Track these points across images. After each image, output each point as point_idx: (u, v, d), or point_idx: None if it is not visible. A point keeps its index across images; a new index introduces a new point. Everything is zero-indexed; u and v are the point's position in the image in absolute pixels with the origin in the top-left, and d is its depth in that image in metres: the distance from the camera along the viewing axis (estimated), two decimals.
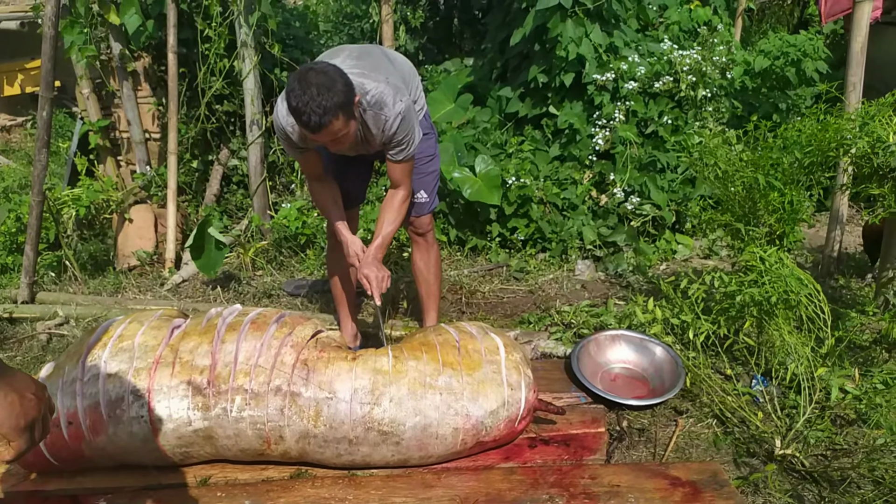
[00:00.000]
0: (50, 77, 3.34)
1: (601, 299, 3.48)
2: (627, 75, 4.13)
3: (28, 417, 0.96)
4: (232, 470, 2.06)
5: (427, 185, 2.67)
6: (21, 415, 0.95)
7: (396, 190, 2.46)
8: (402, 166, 2.41)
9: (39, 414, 0.98)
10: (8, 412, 0.93)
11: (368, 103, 2.23)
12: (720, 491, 1.99)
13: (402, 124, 2.27)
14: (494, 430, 2.07)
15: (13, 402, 0.94)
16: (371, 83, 2.24)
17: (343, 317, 2.90)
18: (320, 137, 2.12)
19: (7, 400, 0.94)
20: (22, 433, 0.95)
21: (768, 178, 2.66)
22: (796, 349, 2.36)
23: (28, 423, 0.96)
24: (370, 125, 2.29)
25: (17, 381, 0.96)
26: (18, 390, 0.95)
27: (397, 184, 2.45)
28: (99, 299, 3.51)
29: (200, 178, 4.64)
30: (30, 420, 0.96)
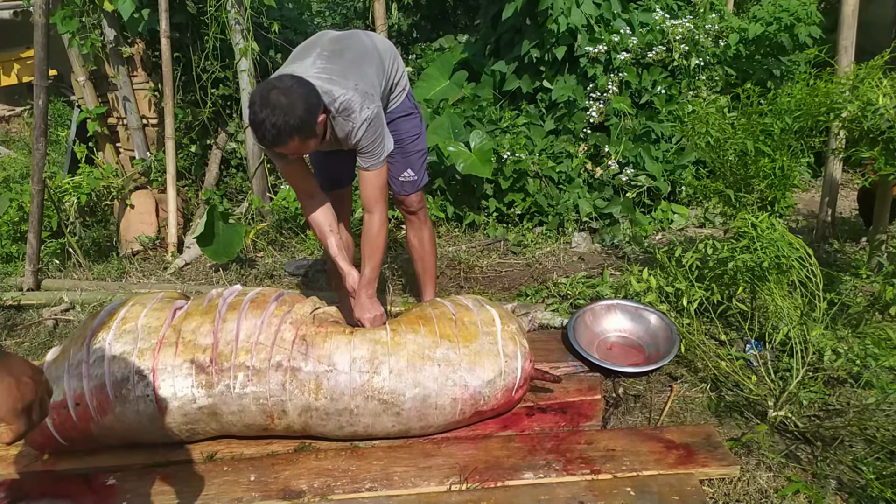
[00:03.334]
0: (44, 66, 3.35)
1: (597, 270, 3.52)
2: (620, 46, 4.12)
3: (25, 400, 0.98)
4: (237, 445, 2.12)
5: (414, 164, 2.67)
6: (18, 398, 0.97)
7: (371, 215, 2.37)
8: (374, 178, 2.34)
9: (36, 397, 1.00)
10: (5, 395, 0.95)
11: (336, 110, 2.22)
12: (713, 452, 2.04)
13: (367, 131, 2.25)
14: (492, 399, 2.12)
15: (10, 386, 0.96)
16: (339, 90, 2.21)
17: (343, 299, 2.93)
18: (279, 152, 2.16)
19: (4, 384, 0.96)
20: (19, 416, 0.98)
21: (758, 145, 2.67)
22: (789, 313, 2.39)
23: (25, 405, 0.98)
24: (337, 130, 2.29)
25: (13, 365, 0.98)
26: (15, 374, 0.97)
27: (370, 206, 2.36)
28: (103, 284, 3.55)
29: (199, 163, 4.67)
30: (26, 403, 0.98)
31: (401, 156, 2.60)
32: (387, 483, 1.93)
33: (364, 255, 2.39)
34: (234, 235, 3.71)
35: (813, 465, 2.05)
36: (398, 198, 2.72)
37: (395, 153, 2.54)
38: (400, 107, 2.61)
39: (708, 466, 1.98)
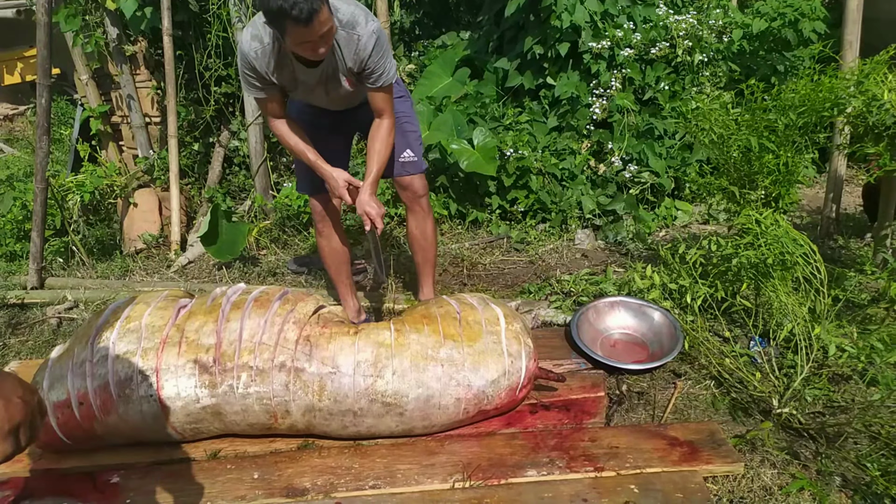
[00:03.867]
0: (46, 64, 3.36)
1: (601, 267, 3.51)
2: (623, 42, 4.10)
3: (13, 422, 0.94)
4: (241, 443, 2.13)
5: (413, 144, 2.64)
6: (5, 419, 0.93)
7: (381, 119, 2.42)
8: (384, 92, 2.37)
9: (26, 418, 0.97)
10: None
11: (340, 22, 2.17)
12: (717, 449, 2.04)
13: (376, 45, 2.22)
14: (496, 398, 2.12)
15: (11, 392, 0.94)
16: (342, 3, 2.19)
17: (344, 294, 2.92)
18: (309, 32, 2.02)
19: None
20: (6, 438, 0.94)
21: (762, 141, 2.66)
22: (793, 309, 2.39)
23: (13, 427, 0.94)
24: (343, 47, 2.24)
25: (4, 385, 0.95)
26: (5, 395, 0.94)
27: (381, 111, 2.41)
28: (107, 283, 3.56)
29: (202, 161, 4.67)
30: (14, 424, 0.95)
31: (399, 136, 2.57)
32: (390, 481, 1.93)
33: (372, 153, 2.41)
34: (237, 234, 3.71)
35: (817, 461, 2.05)
36: (402, 181, 2.67)
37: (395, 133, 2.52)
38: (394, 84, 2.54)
39: (712, 464, 1.98)
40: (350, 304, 2.93)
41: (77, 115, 4.65)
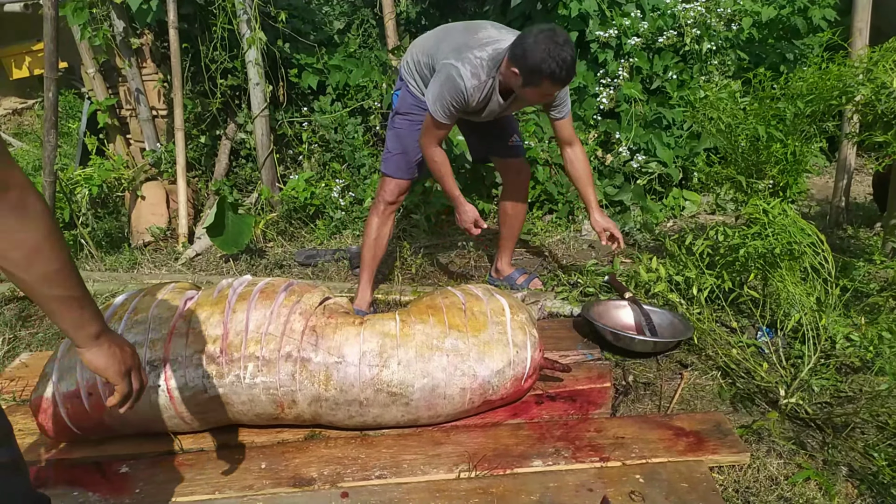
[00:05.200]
0: (53, 58, 3.37)
1: (608, 258, 3.50)
2: (631, 31, 4.08)
3: (126, 365, 1.19)
4: (249, 433, 2.14)
5: (516, 129, 2.98)
6: (121, 362, 1.18)
7: (573, 145, 2.80)
8: (569, 122, 2.77)
9: (135, 363, 1.22)
10: (111, 361, 1.17)
11: None
12: (724, 440, 2.03)
13: None
14: (501, 388, 2.12)
15: (115, 353, 1.17)
16: None
17: (366, 282, 2.98)
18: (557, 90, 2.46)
19: (111, 351, 1.17)
20: (123, 378, 1.20)
21: (770, 130, 2.64)
22: (801, 300, 2.37)
23: (126, 369, 1.20)
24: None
25: (116, 337, 1.19)
26: (118, 344, 1.19)
27: (571, 139, 2.80)
28: (115, 275, 3.58)
29: (209, 153, 4.69)
30: (128, 367, 1.20)
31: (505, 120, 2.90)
32: (396, 471, 1.94)
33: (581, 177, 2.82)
34: (243, 226, 3.72)
35: (824, 451, 2.04)
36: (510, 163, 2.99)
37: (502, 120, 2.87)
38: None
39: (718, 454, 1.97)
40: (367, 294, 2.99)
41: (84, 108, 4.67)
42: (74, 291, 1.09)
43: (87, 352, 1.15)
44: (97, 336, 1.15)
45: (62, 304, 1.09)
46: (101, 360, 1.16)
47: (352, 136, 4.45)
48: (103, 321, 1.17)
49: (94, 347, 1.15)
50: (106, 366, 1.17)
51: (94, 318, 1.14)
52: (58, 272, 1.05)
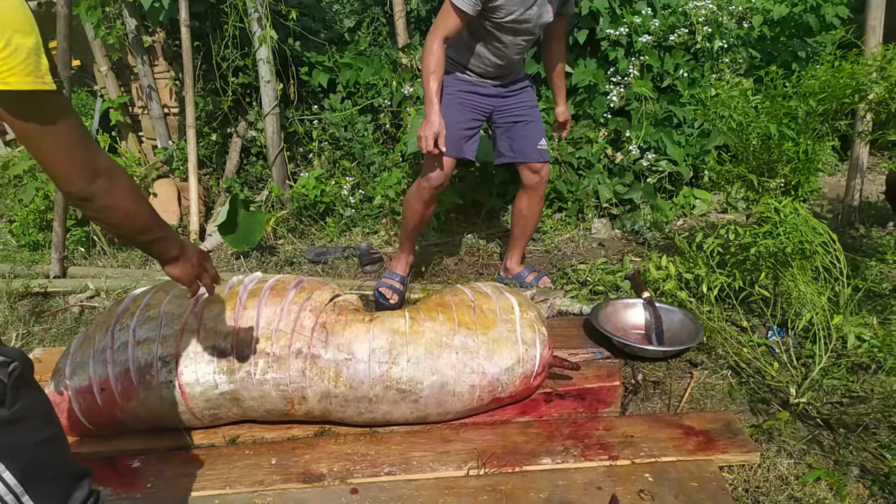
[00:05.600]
0: (66, 56, 3.39)
1: (617, 257, 3.49)
2: (641, 29, 4.06)
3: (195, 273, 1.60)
4: (259, 430, 2.15)
5: (544, 133, 3.03)
6: (192, 272, 1.59)
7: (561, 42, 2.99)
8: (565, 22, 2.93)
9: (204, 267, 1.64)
10: (184, 272, 1.57)
11: None
12: (734, 439, 2.02)
13: None
14: (510, 386, 2.12)
15: (187, 267, 1.57)
16: None
17: (408, 250, 3.15)
18: None
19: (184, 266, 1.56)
20: (193, 282, 1.61)
21: (781, 128, 2.62)
22: (812, 299, 2.36)
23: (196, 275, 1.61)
24: None
25: (190, 254, 1.58)
26: (192, 257, 1.59)
27: (561, 37, 2.97)
28: (127, 272, 3.61)
29: (220, 151, 4.71)
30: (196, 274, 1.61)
31: (535, 124, 2.96)
32: (405, 467, 1.95)
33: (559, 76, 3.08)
34: (255, 223, 3.74)
35: (835, 452, 2.03)
36: (535, 167, 2.99)
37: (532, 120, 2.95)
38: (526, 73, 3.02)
39: (728, 453, 1.97)
40: (409, 259, 3.19)
41: (97, 106, 4.70)
42: (159, 233, 1.43)
43: (169, 268, 1.54)
44: (176, 258, 1.53)
45: (151, 244, 1.44)
46: (176, 271, 1.55)
47: (362, 134, 4.46)
48: (181, 243, 1.54)
49: (173, 264, 1.54)
50: (180, 275, 1.56)
51: (175, 244, 1.51)
52: (145, 224, 1.37)
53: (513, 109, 2.95)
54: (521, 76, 2.98)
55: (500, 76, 2.86)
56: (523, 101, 2.95)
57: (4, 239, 4.41)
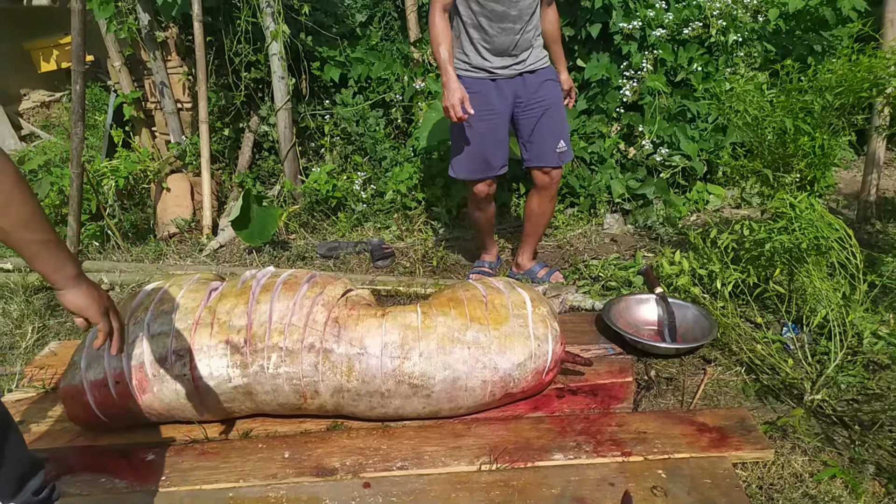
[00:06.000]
0: (81, 51, 3.41)
1: (630, 252, 3.48)
2: (655, 23, 4.03)
3: (104, 305, 1.31)
4: (272, 423, 2.16)
5: (564, 134, 2.93)
6: (100, 302, 1.29)
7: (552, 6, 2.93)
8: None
9: (111, 304, 1.33)
10: (90, 300, 1.27)
11: None
12: (747, 436, 2.01)
13: None
14: (522, 381, 2.12)
15: (93, 293, 1.28)
16: None
17: (490, 244, 3.33)
18: None
19: (89, 291, 1.27)
20: (104, 316, 1.31)
21: (797, 123, 2.60)
22: (828, 295, 2.34)
23: (105, 309, 1.31)
24: None
25: (90, 280, 1.29)
26: (94, 286, 1.29)
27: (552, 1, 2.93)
28: (141, 266, 3.63)
29: (232, 146, 4.72)
30: (106, 307, 1.31)
31: (556, 123, 2.88)
32: (417, 462, 1.95)
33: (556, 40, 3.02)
34: (268, 218, 3.75)
35: (850, 449, 2.01)
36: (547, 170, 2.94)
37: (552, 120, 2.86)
38: (549, 68, 2.92)
39: (741, 450, 1.96)
40: (493, 249, 3.37)
41: (111, 101, 4.72)
42: (50, 235, 1.19)
43: (67, 292, 1.25)
44: (76, 277, 1.25)
45: (41, 247, 1.19)
46: (81, 300, 1.26)
47: (373, 129, 4.46)
48: (79, 265, 1.27)
49: (74, 288, 1.26)
50: (87, 305, 1.27)
51: (71, 260, 1.25)
52: (32, 216, 1.15)
53: (536, 101, 2.85)
54: (538, 66, 2.85)
55: (509, 64, 2.79)
56: (542, 98, 2.86)
57: None
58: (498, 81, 2.82)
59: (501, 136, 2.89)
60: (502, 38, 2.73)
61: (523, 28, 2.74)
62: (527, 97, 2.85)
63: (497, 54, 2.78)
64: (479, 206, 3.10)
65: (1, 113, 6.47)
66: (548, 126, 2.87)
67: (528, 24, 2.75)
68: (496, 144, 2.88)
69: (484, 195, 3.03)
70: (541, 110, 2.86)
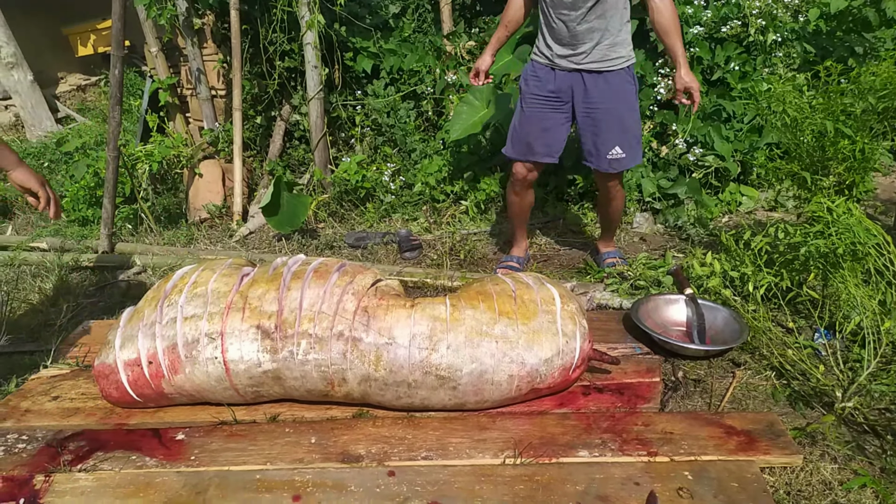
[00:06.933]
0: (120, 36, 3.47)
1: (659, 252, 3.45)
2: (693, 20, 3.97)
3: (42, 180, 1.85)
4: (299, 409, 2.19)
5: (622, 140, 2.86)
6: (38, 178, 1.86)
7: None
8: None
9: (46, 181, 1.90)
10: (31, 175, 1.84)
11: None
12: (776, 441, 1.99)
13: None
14: (549, 377, 2.12)
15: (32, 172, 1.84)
16: None
17: (520, 237, 3.36)
18: None
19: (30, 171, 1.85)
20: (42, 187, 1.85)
21: (838, 125, 2.55)
22: (862, 302, 2.30)
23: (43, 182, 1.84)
24: None
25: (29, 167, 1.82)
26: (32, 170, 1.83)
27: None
28: (173, 250, 3.69)
29: (264, 134, 4.77)
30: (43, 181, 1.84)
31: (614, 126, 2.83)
32: (442, 453, 1.96)
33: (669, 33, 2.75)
34: (298, 206, 3.78)
35: (882, 459, 1.98)
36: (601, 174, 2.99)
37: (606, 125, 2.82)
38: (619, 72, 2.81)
39: (770, 454, 1.93)
40: (522, 244, 3.39)
41: (146, 86, 4.79)
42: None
43: (13, 172, 1.78)
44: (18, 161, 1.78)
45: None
46: (25, 175, 1.78)
47: (404, 121, 4.47)
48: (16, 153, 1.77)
49: (19, 167, 1.80)
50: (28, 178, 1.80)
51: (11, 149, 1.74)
52: None
53: (589, 104, 2.82)
54: (603, 66, 2.76)
55: (566, 54, 2.78)
56: (597, 101, 2.80)
57: None
58: (557, 72, 2.83)
59: (549, 125, 2.90)
60: (560, 26, 2.75)
61: (582, 17, 2.68)
62: (582, 96, 2.83)
63: (558, 42, 2.79)
64: (515, 189, 3.12)
65: (39, 95, 6.60)
66: (601, 130, 2.84)
67: (588, 14, 2.67)
68: (542, 131, 2.91)
69: (521, 178, 3.05)
70: (595, 113, 2.82)
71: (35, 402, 2.28)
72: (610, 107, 2.80)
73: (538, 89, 2.87)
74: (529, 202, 3.20)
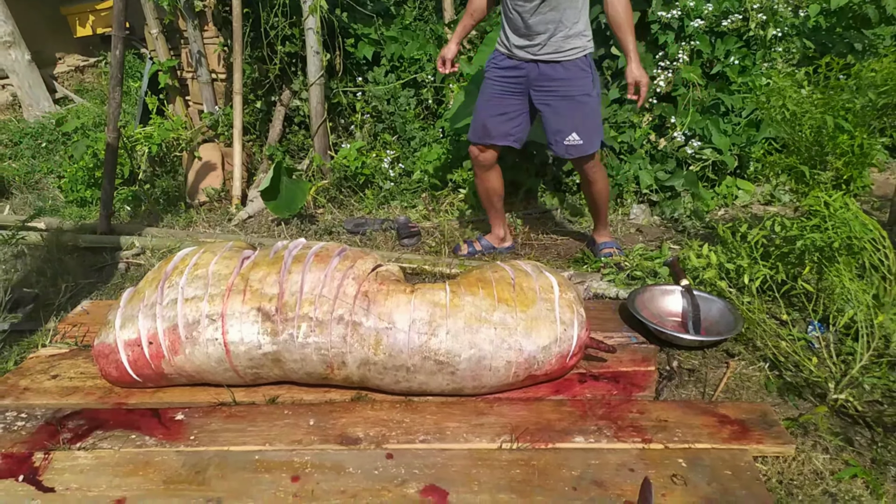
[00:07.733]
0: (122, 17, 3.45)
1: (655, 243, 3.47)
2: (694, 13, 3.98)
3: None
4: (298, 391, 2.21)
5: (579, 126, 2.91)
6: None
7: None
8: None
9: None
10: None
11: None
12: (769, 430, 2.02)
13: None
14: (546, 364, 2.14)
15: None
16: None
17: (493, 220, 3.39)
18: None
19: None
20: None
21: (837, 120, 2.57)
22: (857, 296, 2.33)
23: None
24: None
25: None
26: None
27: None
28: (172, 232, 3.69)
29: (264, 119, 4.76)
30: None
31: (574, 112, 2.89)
32: (439, 437, 1.98)
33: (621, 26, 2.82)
34: (297, 191, 3.79)
35: (873, 450, 2.01)
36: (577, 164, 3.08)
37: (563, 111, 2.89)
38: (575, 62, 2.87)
39: (762, 444, 1.96)
40: (498, 231, 3.42)
41: (146, 68, 4.78)
42: None
43: None
44: None
45: None
46: None
47: (404, 109, 4.47)
48: None
49: None
50: None
51: None
52: None
53: (546, 92, 2.91)
54: (557, 57, 2.83)
55: (523, 45, 2.87)
56: (552, 89, 2.89)
57: (53, 194, 4.53)
58: (515, 61, 2.91)
59: (507, 110, 2.99)
60: (515, 17, 2.82)
61: (535, 9, 2.75)
62: (539, 84, 2.91)
63: (515, 33, 2.87)
64: (476, 172, 3.22)
65: (36, 75, 6.55)
66: (558, 117, 2.92)
67: (542, 6, 2.74)
68: (499, 115, 3.00)
69: (474, 157, 3.15)
70: (551, 100, 2.91)
71: (34, 381, 2.29)
72: (565, 94, 2.88)
73: (498, 77, 2.98)
74: (493, 187, 3.24)
